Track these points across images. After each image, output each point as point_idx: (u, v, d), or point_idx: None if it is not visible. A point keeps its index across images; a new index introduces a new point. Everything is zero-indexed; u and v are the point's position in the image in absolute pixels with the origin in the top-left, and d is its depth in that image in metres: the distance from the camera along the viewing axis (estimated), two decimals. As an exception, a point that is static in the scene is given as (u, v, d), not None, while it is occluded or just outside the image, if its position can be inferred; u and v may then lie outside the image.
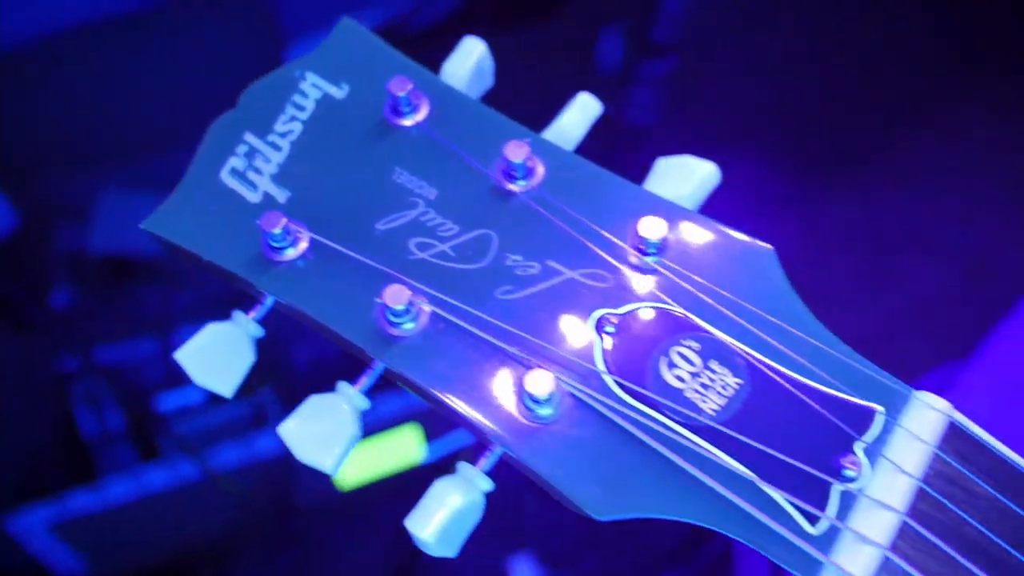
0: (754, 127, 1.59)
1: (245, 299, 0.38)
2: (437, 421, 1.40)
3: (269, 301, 0.38)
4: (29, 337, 1.35)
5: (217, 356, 0.38)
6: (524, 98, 0.48)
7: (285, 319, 0.39)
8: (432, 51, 0.43)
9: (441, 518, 0.34)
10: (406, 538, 0.35)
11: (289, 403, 1.32)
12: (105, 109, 1.32)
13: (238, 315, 0.39)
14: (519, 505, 1.44)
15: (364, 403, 0.37)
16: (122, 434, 1.32)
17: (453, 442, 1.39)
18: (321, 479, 1.34)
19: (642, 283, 0.35)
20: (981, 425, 0.32)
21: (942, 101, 1.67)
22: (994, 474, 0.32)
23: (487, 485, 0.35)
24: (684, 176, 0.39)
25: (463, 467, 0.35)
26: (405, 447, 1.37)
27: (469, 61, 0.42)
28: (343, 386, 0.37)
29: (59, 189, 1.38)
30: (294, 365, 1.41)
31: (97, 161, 1.36)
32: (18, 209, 1.34)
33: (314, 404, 0.36)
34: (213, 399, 1.35)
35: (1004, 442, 0.32)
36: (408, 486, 1.38)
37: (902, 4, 1.71)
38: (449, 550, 0.35)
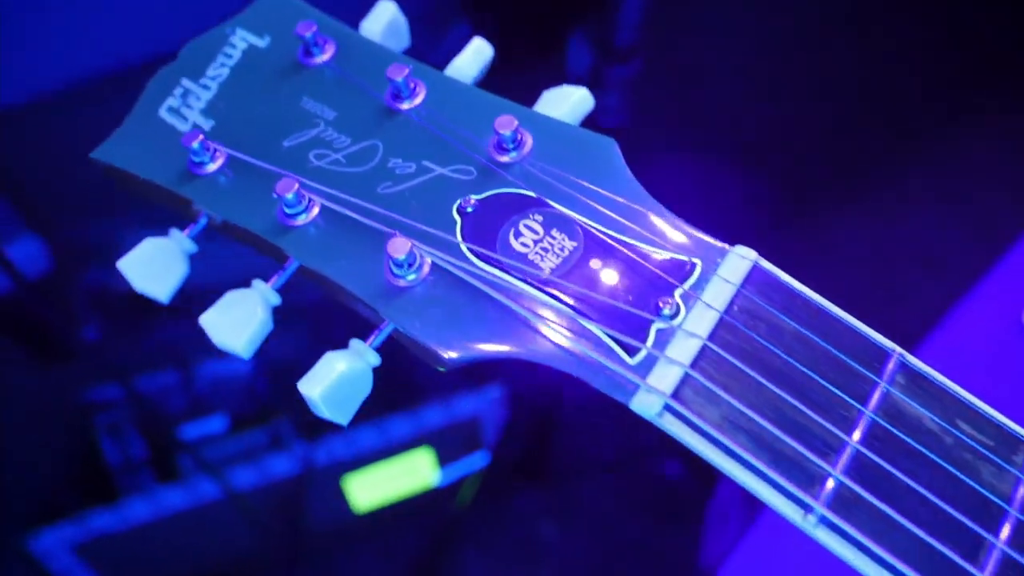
0: (758, 145, 1.63)
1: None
2: (450, 444, 1.44)
3: (203, 220, 0.45)
4: (59, 369, 1.45)
5: (154, 266, 0.45)
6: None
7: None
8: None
9: (328, 381, 0.39)
10: (422, 562, 0.40)
11: (306, 432, 1.38)
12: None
13: (174, 231, 0.46)
14: (536, 532, 1.47)
15: (275, 298, 0.43)
16: (144, 461, 1.39)
17: (466, 465, 1.44)
18: (335, 502, 1.40)
19: (501, 173, 0.41)
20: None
21: (946, 118, 1.70)
22: (796, 311, 0.36)
23: (374, 359, 0.41)
24: (562, 99, 0.45)
25: (353, 342, 0.41)
26: (418, 470, 1.42)
27: (382, 20, 0.49)
28: (257, 282, 0.43)
29: (86, 231, 1.49)
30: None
31: (123, 204, 1.47)
32: (49, 251, 1.45)
33: (230, 297, 0.43)
34: (233, 427, 1.42)
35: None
36: (422, 509, 1.42)
37: (905, 23, 1.76)
38: (340, 415, 0.40)
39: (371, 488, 1.40)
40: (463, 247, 0.39)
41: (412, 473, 1.42)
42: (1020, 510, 0.35)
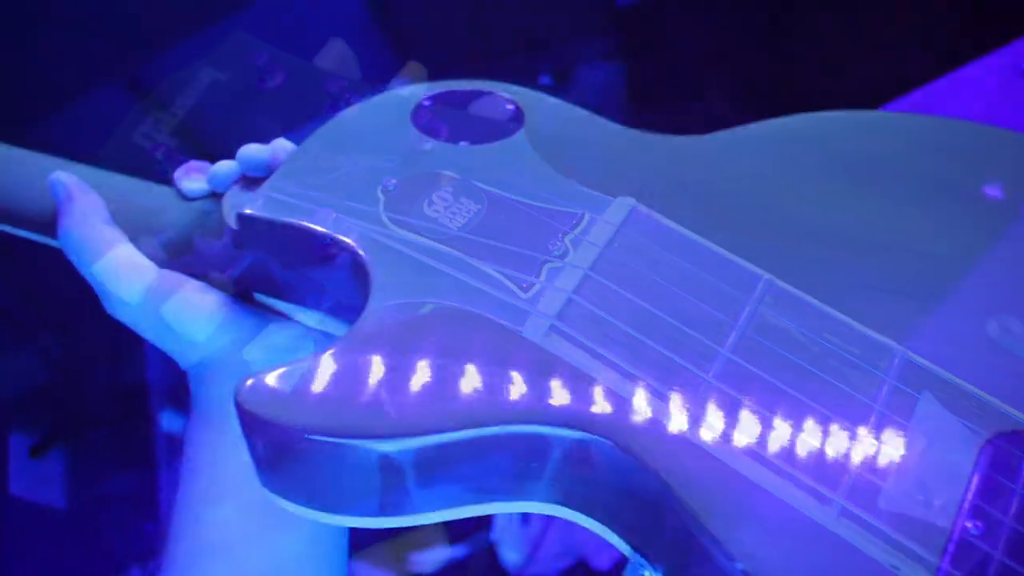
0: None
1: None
2: (460, 522, 1.46)
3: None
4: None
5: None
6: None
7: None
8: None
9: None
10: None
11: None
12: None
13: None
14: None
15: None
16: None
17: (476, 543, 1.45)
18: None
19: (421, 159, 0.49)
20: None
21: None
22: (671, 244, 0.43)
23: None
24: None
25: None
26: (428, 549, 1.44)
27: (333, 54, 0.58)
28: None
29: (98, 333, 1.58)
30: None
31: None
32: (64, 351, 1.53)
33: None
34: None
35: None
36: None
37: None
38: None
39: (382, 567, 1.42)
40: (383, 217, 0.46)
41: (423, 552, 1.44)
42: (885, 407, 0.40)
